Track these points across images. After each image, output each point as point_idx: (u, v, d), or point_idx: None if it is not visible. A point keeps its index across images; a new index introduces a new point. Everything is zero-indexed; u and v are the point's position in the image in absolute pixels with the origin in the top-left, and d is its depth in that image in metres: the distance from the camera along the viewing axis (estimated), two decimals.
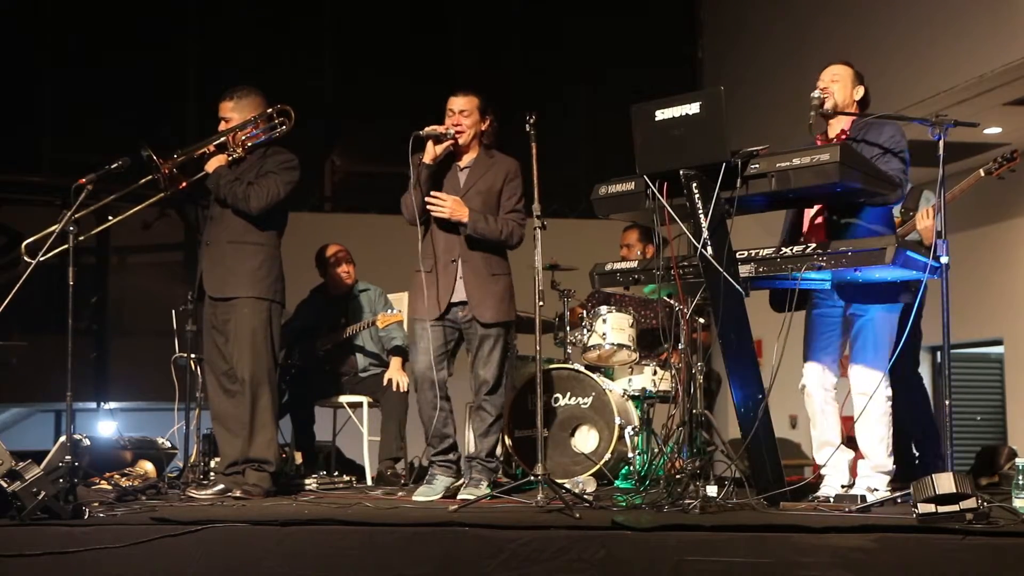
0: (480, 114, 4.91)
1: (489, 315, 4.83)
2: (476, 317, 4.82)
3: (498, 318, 4.85)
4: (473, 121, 4.89)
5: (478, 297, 4.82)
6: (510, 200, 4.91)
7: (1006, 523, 3.56)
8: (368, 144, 10.49)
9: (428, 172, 4.84)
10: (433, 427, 4.88)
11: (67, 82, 9.51)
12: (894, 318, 4.40)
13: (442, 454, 4.91)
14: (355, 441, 6.37)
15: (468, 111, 4.88)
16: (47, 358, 5.92)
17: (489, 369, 4.86)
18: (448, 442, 4.91)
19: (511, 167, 4.94)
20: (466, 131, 4.87)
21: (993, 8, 6.91)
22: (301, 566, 3.59)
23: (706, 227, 4.14)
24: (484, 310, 4.83)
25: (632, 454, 5.67)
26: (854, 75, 4.51)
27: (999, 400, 9.69)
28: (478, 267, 4.84)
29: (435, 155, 4.84)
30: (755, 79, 9.39)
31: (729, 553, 3.43)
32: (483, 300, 4.83)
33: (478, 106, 4.90)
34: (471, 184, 4.89)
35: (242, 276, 4.95)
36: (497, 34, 10.69)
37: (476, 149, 4.95)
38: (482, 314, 4.82)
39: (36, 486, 3.81)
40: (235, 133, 5.06)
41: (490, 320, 4.83)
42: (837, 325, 4.50)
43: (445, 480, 4.85)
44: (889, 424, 4.39)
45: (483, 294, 4.83)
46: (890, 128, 4.39)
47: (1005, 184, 5.41)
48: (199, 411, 5.56)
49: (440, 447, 4.90)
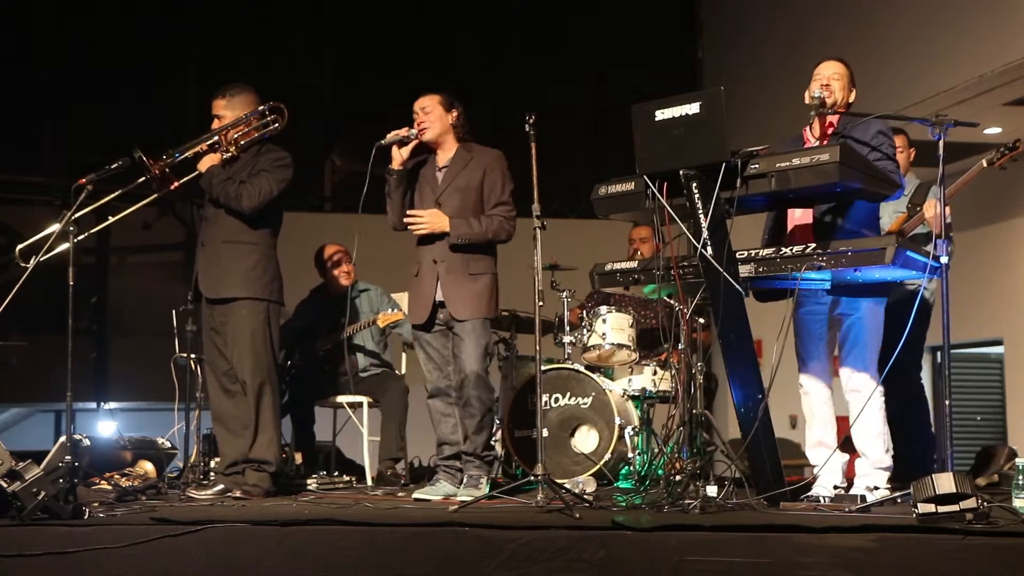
0: (444, 108, 4.89)
1: (465, 312, 4.79)
2: (452, 314, 4.80)
3: (475, 314, 4.80)
4: (437, 115, 4.87)
5: (453, 296, 4.79)
6: (493, 194, 4.86)
7: (1006, 523, 3.56)
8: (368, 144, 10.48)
9: (399, 178, 4.86)
10: (442, 433, 4.90)
11: (67, 82, 9.51)
12: (880, 310, 4.42)
13: (449, 460, 4.91)
14: (355, 441, 6.37)
15: (429, 107, 4.87)
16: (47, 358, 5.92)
17: (469, 362, 4.79)
18: (456, 449, 4.90)
19: (490, 159, 4.90)
20: (430, 126, 4.86)
21: (993, 8, 6.91)
22: (301, 566, 3.59)
23: (706, 227, 4.14)
24: (458, 307, 4.79)
25: (632, 454, 5.67)
26: (850, 76, 4.51)
27: (999, 400, 9.69)
28: (456, 268, 4.80)
29: (402, 159, 4.85)
30: (755, 79, 9.39)
31: (729, 553, 3.43)
32: (458, 297, 4.79)
33: (440, 101, 4.89)
34: (448, 182, 4.87)
35: (238, 276, 4.95)
36: (497, 34, 10.69)
37: (452, 145, 4.93)
38: (457, 311, 4.79)
39: (36, 486, 3.81)
40: (227, 131, 5.05)
41: (465, 316, 4.79)
42: (824, 322, 4.50)
43: (448, 487, 4.84)
44: (884, 419, 4.40)
45: (458, 292, 4.79)
46: (876, 125, 4.39)
47: (1005, 184, 5.42)
48: (199, 411, 5.56)
49: (448, 453, 4.91)
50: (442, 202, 4.85)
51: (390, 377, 6.30)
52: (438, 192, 4.87)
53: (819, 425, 4.52)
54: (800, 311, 4.50)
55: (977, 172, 4.92)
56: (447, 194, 4.84)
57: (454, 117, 4.91)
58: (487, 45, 10.64)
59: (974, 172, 4.93)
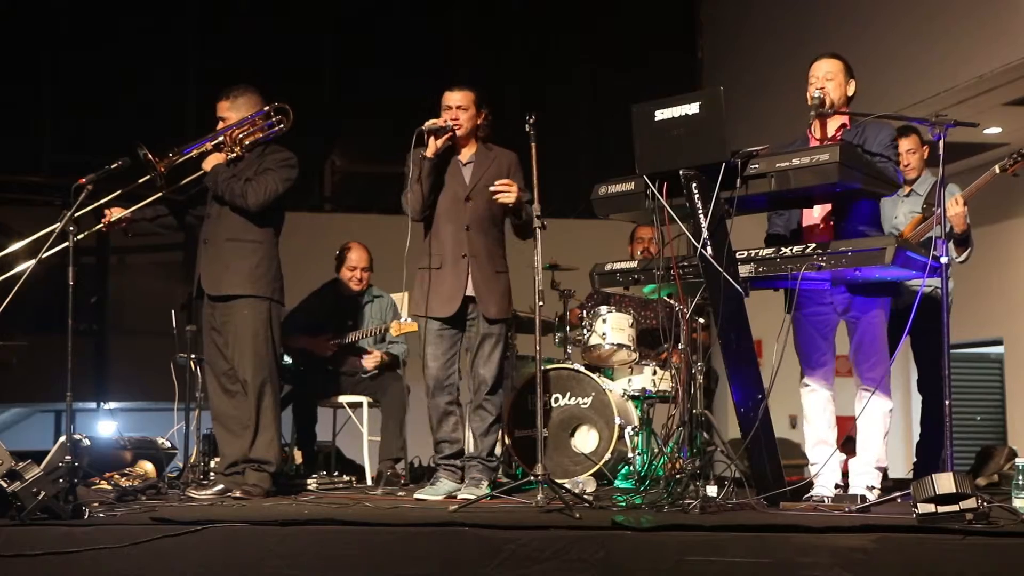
0: (476, 108, 4.93)
1: (494, 311, 4.87)
2: (483, 313, 4.85)
3: (501, 315, 4.89)
4: (470, 115, 4.92)
5: (485, 293, 4.86)
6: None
7: (1006, 523, 3.56)
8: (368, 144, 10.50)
9: (431, 165, 4.86)
10: (442, 432, 4.90)
11: (67, 82, 9.51)
12: (887, 310, 4.42)
13: (449, 459, 4.92)
14: (355, 441, 6.37)
15: (465, 105, 4.91)
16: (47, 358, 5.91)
17: (490, 368, 4.88)
18: (457, 447, 4.92)
19: (512, 159, 4.98)
20: (464, 125, 4.90)
21: (993, 8, 6.91)
22: (301, 566, 3.59)
23: (706, 227, 4.14)
24: (490, 306, 4.86)
25: (632, 454, 5.67)
26: (846, 69, 4.47)
27: (999, 400, 9.69)
28: (484, 264, 4.88)
29: (436, 149, 4.85)
30: (755, 79, 9.39)
31: (729, 553, 3.43)
32: (489, 296, 4.87)
33: (474, 100, 4.93)
34: (478, 178, 4.92)
35: (240, 274, 4.95)
36: (497, 34, 10.70)
37: (474, 144, 4.98)
38: (488, 310, 4.86)
39: (36, 486, 3.81)
40: (232, 131, 5.06)
41: (495, 316, 4.87)
42: (828, 323, 4.49)
43: (449, 485, 4.85)
44: (888, 420, 4.40)
45: (489, 290, 4.87)
46: (886, 133, 4.38)
47: (1005, 185, 5.42)
48: (199, 411, 5.56)
49: (448, 452, 4.92)
50: (472, 197, 4.89)
51: (390, 377, 6.29)
52: (468, 188, 4.91)
53: (820, 425, 4.51)
54: (803, 312, 4.49)
55: (989, 178, 4.94)
56: (477, 189, 4.89)
57: (482, 116, 4.96)
58: (487, 44, 10.64)
59: (986, 178, 4.94)
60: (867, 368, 4.38)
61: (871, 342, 4.37)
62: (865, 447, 4.39)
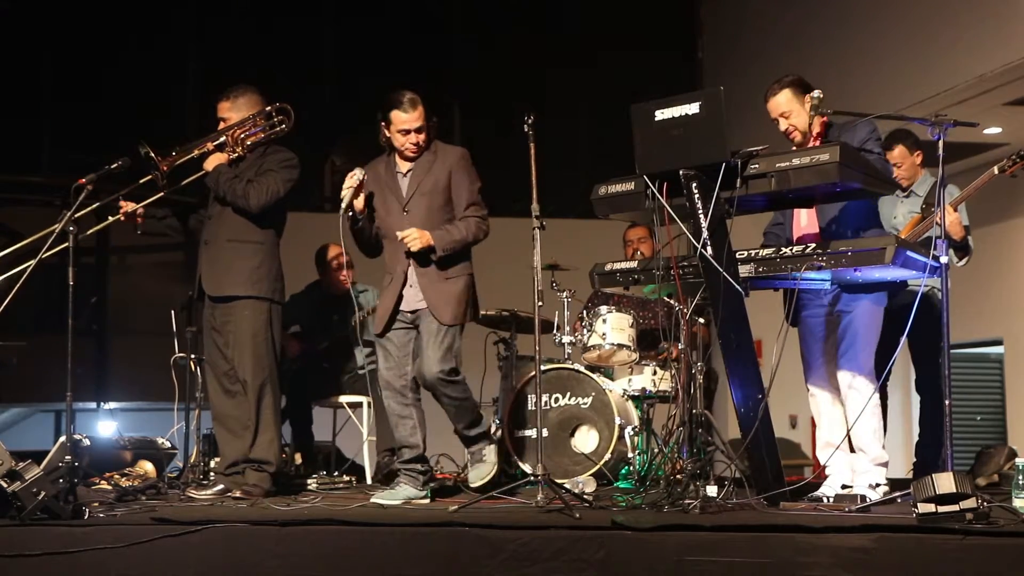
0: (427, 119, 4.71)
1: (448, 317, 4.67)
2: (437, 319, 4.67)
3: (456, 320, 4.70)
4: (426, 131, 4.71)
5: (434, 300, 4.67)
6: (461, 195, 4.72)
7: (1006, 523, 3.57)
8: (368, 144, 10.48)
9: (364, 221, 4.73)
10: (399, 436, 4.80)
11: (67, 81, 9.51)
12: (879, 311, 4.42)
13: (409, 463, 4.79)
14: (355, 441, 6.37)
15: (421, 124, 4.67)
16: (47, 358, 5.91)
17: (447, 361, 4.67)
18: (416, 452, 4.78)
19: (454, 158, 4.75)
20: (423, 145, 4.72)
21: (993, 8, 6.91)
22: (301, 566, 3.59)
23: (706, 227, 4.14)
24: (444, 313, 4.67)
25: (632, 454, 5.67)
26: (793, 92, 4.43)
27: (999, 400, 9.70)
28: (430, 272, 4.68)
29: (362, 208, 4.71)
30: (755, 79, 9.36)
31: (729, 553, 3.44)
32: (438, 301, 4.67)
33: (424, 113, 4.69)
34: (413, 189, 4.73)
35: (241, 275, 4.95)
36: (496, 34, 10.69)
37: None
38: (442, 315, 4.66)
39: (36, 486, 3.81)
40: (234, 131, 5.06)
41: (450, 322, 4.68)
42: (825, 325, 4.50)
43: (409, 491, 4.71)
44: (880, 416, 4.41)
45: (438, 295, 4.67)
46: (863, 127, 4.37)
47: (1005, 185, 5.41)
48: (199, 411, 5.56)
49: (408, 456, 4.79)
50: (409, 209, 4.72)
51: None
52: (404, 200, 4.74)
53: (827, 425, 4.52)
54: (803, 314, 4.50)
55: (988, 179, 4.93)
56: (414, 200, 4.72)
57: (433, 125, 4.78)
58: (486, 45, 10.64)
59: (985, 179, 4.94)
60: (845, 360, 4.38)
61: (853, 333, 4.37)
62: (861, 446, 4.40)
